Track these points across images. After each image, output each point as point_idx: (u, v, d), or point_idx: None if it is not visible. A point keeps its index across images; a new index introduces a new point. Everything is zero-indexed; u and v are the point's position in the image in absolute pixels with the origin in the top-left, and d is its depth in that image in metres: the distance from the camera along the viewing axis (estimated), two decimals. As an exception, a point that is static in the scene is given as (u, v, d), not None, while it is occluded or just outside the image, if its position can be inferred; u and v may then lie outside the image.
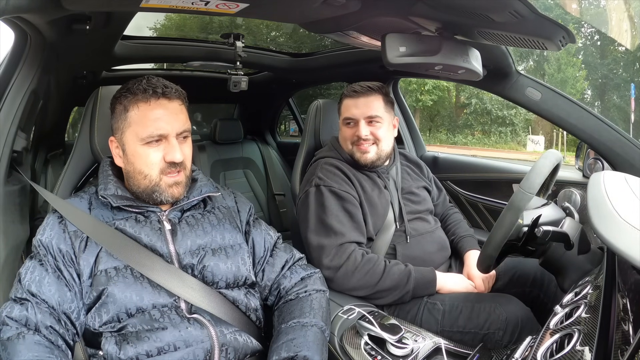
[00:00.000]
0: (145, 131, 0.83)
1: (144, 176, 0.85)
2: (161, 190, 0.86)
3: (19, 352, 0.71)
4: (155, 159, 0.85)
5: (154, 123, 0.83)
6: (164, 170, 0.85)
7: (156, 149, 0.84)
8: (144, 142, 0.84)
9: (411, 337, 0.89)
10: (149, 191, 0.86)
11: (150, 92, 0.84)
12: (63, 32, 0.97)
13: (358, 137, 1.22)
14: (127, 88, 0.86)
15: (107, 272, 0.81)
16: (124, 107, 0.85)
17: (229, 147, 2.34)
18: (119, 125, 0.86)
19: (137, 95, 0.84)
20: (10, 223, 0.91)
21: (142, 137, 0.83)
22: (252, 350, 0.86)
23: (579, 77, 13.61)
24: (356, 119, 1.23)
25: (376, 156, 1.23)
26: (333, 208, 1.15)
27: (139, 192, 0.87)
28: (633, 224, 0.53)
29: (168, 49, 1.57)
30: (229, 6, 0.87)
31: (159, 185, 0.86)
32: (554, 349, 0.57)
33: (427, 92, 14.02)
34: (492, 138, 14.32)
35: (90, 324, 0.80)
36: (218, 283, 0.88)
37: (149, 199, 0.87)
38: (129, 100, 0.85)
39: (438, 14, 0.88)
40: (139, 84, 0.85)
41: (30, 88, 0.98)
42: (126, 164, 0.88)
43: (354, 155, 1.24)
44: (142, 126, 0.83)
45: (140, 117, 0.84)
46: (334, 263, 1.08)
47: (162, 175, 0.85)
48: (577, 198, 1.40)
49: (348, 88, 1.28)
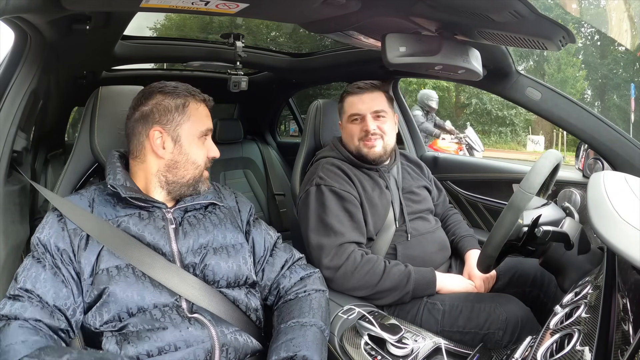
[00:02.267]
0: (204, 125, 0.93)
1: (196, 166, 0.92)
2: (203, 179, 0.94)
3: (4, 338, 0.70)
4: (203, 153, 0.94)
5: (207, 120, 0.95)
6: (206, 164, 0.95)
7: (203, 145, 0.94)
8: (201, 134, 0.92)
9: (411, 337, 0.89)
10: (195, 181, 0.92)
11: (203, 97, 0.95)
12: (63, 32, 0.97)
13: (366, 132, 1.23)
14: (173, 86, 0.92)
15: (108, 270, 0.81)
16: (183, 102, 0.91)
17: (229, 147, 2.33)
18: (174, 117, 0.90)
19: (193, 96, 0.93)
20: (10, 223, 0.91)
21: (201, 130, 0.92)
22: (252, 350, 0.86)
23: (579, 77, 13.60)
24: (363, 114, 1.24)
25: (383, 150, 1.24)
26: (333, 208, 1.15)
27: (181, 182, 0.91)
28: (633, 224, 0.53)
29: (168, 49, 1.57)
30: (229, 6, 0.87)
31: (203, 174, 0.94)
32: (554, 349, 0.57)
33: (427, 92, 14.04)
34: (492, 138, 14.30)
35: (91, 322, 0.80)
36: (219, 282, 0.88)
37: (185, 189, 0.91)
38: (186, 97, 0.92)
39: (438, 14, 0.88)
40: (188, 87, 0.94)
41: (30, 88, 0.98)
42: (177, 154, 0.91)
43: (361, 151, 1.24)
44: (201, 121, 0.93)
45: (200, 114, 0.93)
46: (333, 263, 1.08)
47: (204, 169, 0.94)
48: (577, 198, 1.40)
49: (351, 86, 1.29)
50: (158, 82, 0.94)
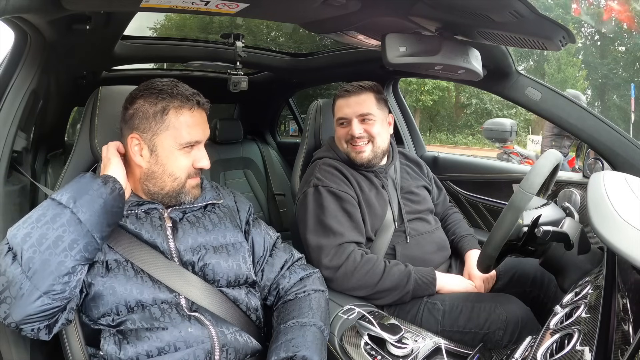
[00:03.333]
0: (185, 137, 0.85)
1: (174, 178, 0.87)
2: (186, 191, 0.89)
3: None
4: (187, 163, 0.87)
5: (193, 130, 0.86)
6: (191, 174, 0.88)
7: (188, 154, 0.87)
8: (181, 147, 0.86)
9: (411, 337, 0.89)
10: (176, 193, 0.88)
11: (193, 101, 0.86)
12: (63, 32, 0.97)
13: (352, 136, 1.22)
14: (158, 89, 0.85)
15: (107, 263, 0.81)
16: (162, 109, 0.84)
17: (229, 147, 2.33)
18: (151, 125, 0.84)
19: (178, 100, 0.85)
20: (10, 223, 0.91)
21: (180, 143, 0.85)
22: (252, 350, 0.86)
23: (579, 77, 13.59)
24: (349, 118, 1.24)
25: (372, 154, 1.23)
26: (332, 208, 1.15)
27: (161, 193, 0.87)
28: (633, 224, 0.53)
29: (168, 49, 1.57)
30: (229, 6, 0.87)
31: (185, 187, 0.88)
32: (554, 349, 0.57)
33: (427, 92, 14.01)
34: (492, 138, 14.32)
35: (88, 314, 0.80)
36: (219, 281, 0.88)
37: (168, 200, 0.88)
38: (167, 102, 0.84)
39: (438, 14, 0.88)
40: (175, 88, 0.86)
41: (30, 88, 0.98)
42: (153, 164, 0.86)
43: (350, 155, 1.24)
44: (182, 132, 0.85)
45: (182, 123, 0.85)
46: (333, 263, 1.08)
47: (188, 179, 0.88)
48: (577, 198, 1.40)
49: (340, 89, 1.28)
50: (148, 81, 0.88)
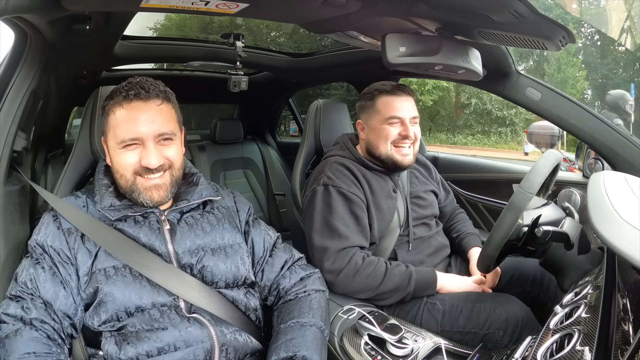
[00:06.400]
0: (120, 135, 0.83)
1: (120, 176, 0.86)
2: (139, 191, 0.85)
3: (17, 349, 0.72)
4: (131, 160, 0.84)
5: (128, 127, 0.83)
6: (139, 172, 0.85)
7: (133, 152, 0.84)
8: (120, 145, 0.84)
9: (411, 337, 0.89)
10: (129, 191, 0.86)
11: (123, 94, 0.84)
12: (63, 32, 0.97)
13: (403, 137, 1.19)
14: (112, 91, 0.87)
15: (105, 270, 0.81)
16: (105, 110, 0.87)
17: (229, 147, 2.34)
18: (104, 128, 0.88)
19: (115, 98, 0.85)
20: (10, 223, 0.91)
21: (117, 142, 0.84)
22: (252, 349, 0.86)
23: (579, 77, 13.57)
24: (403, 118, 1.19)
25: (414, 158, 1.23)
26: (340, 210, 1.13)
27: (126, 192, 0.87)
28: (633, 224, 0.53)
29: (168, 49, 1.57)
30: (229, 6, 0.87)
31: (135, 185, 0.85)
32: (554, 349, 0.57)
33: (427, 92, 13.99)
34: (492, 138, 14.28)
35: (89, 322, 0.80)
36: (217, 283, 0.88)
37: (135, 199, 0.87)
38: (109, 103, 0.86)
39: (438, 14, 0.88)
40: (120, 87, 0.86)
41: (30, 88, 0.98)
42: (110, 161, 0.89)
43: (393, 157, 1.19)
44: (118, 130, 0.84)
45: (117, 121, 0.84)
46: (334, 266, 1.07)
47: (136, 176, 0.85)
48: (577, 198, 1.40)
49: (385, 84, 1.22)
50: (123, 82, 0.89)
